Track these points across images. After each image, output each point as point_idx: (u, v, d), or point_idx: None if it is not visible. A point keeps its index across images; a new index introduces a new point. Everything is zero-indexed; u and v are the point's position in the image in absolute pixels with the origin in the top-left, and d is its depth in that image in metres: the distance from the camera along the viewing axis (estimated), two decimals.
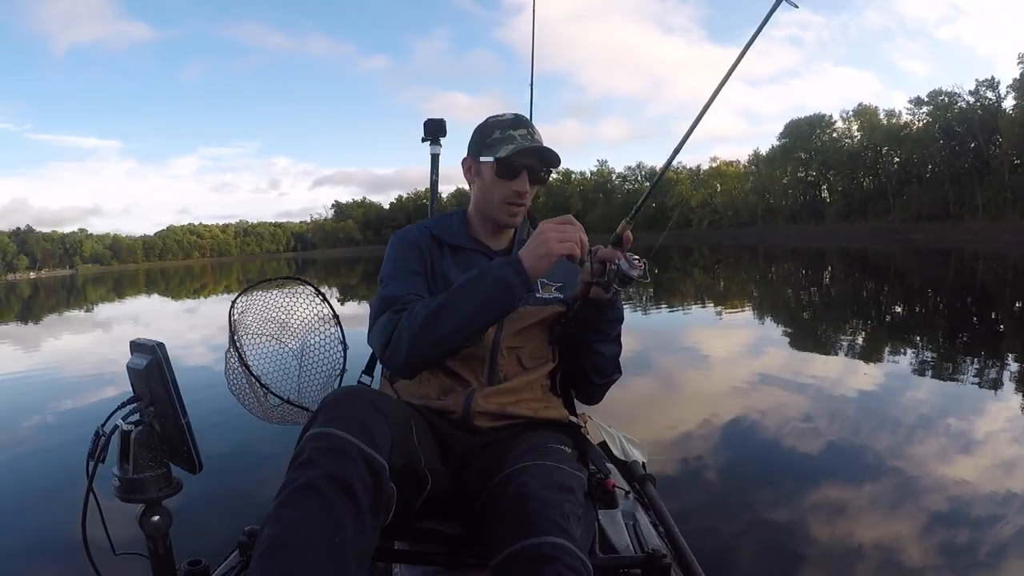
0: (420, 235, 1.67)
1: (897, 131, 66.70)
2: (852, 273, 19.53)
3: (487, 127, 1.60)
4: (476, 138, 1.61)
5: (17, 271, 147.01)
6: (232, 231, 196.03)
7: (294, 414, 2.21)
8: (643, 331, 8.97)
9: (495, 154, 1.54)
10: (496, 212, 1.61)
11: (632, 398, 4.99)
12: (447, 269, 1.61)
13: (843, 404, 4.88)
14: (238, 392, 2.19)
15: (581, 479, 1.37)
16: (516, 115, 1.62)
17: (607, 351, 1.62)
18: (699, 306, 12.20)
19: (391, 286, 1.55)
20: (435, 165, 2.67)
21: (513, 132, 1.56)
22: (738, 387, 5.50)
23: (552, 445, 1.42)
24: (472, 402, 1.49)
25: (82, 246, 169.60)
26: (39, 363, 9.18)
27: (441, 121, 2.63)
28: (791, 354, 7.29)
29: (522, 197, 1.58)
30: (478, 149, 1.59)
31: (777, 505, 3.06)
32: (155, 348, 1.21)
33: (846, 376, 5.82)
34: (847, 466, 3.55)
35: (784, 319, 10.41)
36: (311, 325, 2.45)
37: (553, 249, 1.34)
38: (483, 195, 1.62)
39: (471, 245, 1.66)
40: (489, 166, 1.56)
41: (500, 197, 1.58)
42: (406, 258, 1.62)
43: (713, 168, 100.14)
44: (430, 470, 1.34)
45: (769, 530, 2.81)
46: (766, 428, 4.29)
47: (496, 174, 1.55)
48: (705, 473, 3.48)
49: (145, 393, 1.24)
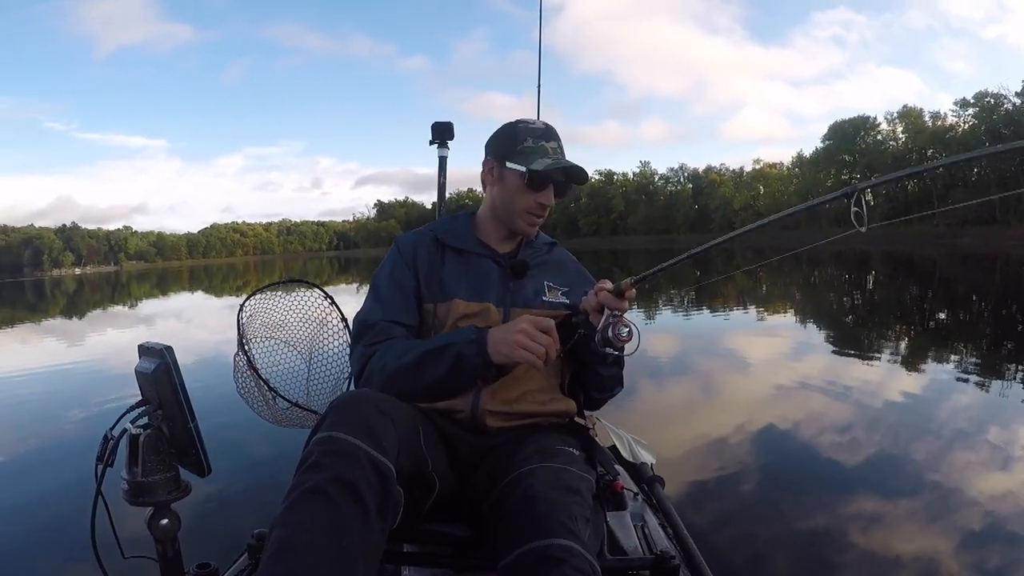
0: (420, 240, 1.66)
1: (942, 133, 65.37)
2: (895, 277, 19.10)
3: (517, 133, 1.58)
4: (503, 142, 1.60)
5: (63, 267, 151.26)
6: (275, 229, 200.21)
7: (303, 417, 2.21)
8: (680, 334, 8.94)
9: (528, 164, 1.53)
10: (516, 220, 1.61)
11: (657, 400, 4.98)
12: (446, 275, 1.60)
13: (872, 410, 4.75)
14: (247, 395, 2.20)
15: (589, 481, 1.37)
16: (547, 125, 1.61)
17: (606, 373, 1.62)
18: (740, 310, 12.00)
19: (372, 308, 1.57)
20: (443, 167, 2.69)
21: (546, 144, 1.56)
22: (759, 391, 5.47)
23: (560, 447, 1.42)
24: (480, 399, 1.48)
25: (127, 243, 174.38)
26: (69, 359, 9.27)
27: (449, 124, 2.65)
28: (823, 359, 7.04)
29: (545, 209, 1.59)
30: (505, 154, 1.58)
31: (789, 509, 3.04)
32: (163, 352, 1.22)
33: (878, 381, 5.68)
34: (870, 474, 3.47)
35: (822, 323, 10.15)
36: (320, 328, 2.45)
37: (513, 354, 1.34)
38: (504, 201, 1.61)
39: (476, 248, 1.65)
40: (517, 174, 1.56)
41: (523, 207, 1.58)
42: (395, 272, 1.61)
43: (756, 170, 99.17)
44: (437, 473, 1.34)
45: (779, 533, 2.79)
46: (787, 432, 4.25)
47: (524, 183, 1.55)
48: (716, 475, 3.46)
49: (153, 396, 1.25)
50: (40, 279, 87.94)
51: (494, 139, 1.63)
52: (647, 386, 5.44)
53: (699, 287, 14.84)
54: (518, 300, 1.60)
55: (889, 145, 73.63)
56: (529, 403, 1.53)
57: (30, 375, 8.05)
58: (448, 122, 2.65)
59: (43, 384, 7.42)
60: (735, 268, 25.17)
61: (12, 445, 4.86)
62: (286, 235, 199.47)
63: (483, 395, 1.49)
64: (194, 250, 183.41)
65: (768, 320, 10.42)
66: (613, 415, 2.84)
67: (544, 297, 1.62)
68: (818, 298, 14.24)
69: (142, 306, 22.46)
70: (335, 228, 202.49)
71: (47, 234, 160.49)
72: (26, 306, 27.01)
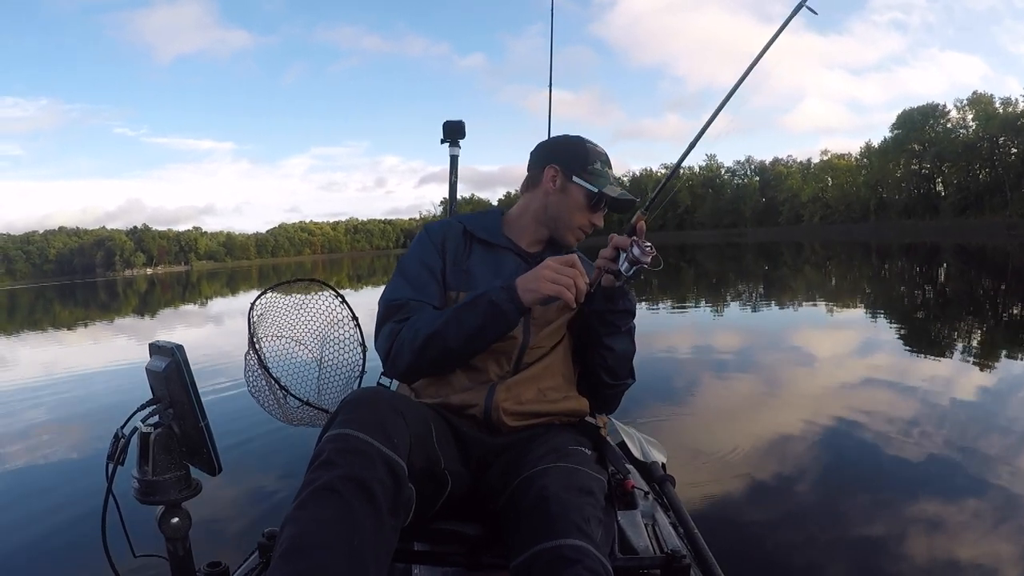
0: (449, 229, 1.67)
1: (1014, 120, 64.00)
2: (968, 271, 18.09)
3: (586, 152, 1.63)
4: (571, 155, 1.64)
5: (134, 267, 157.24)
6: (342, 228, 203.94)
7: (314, 416, 2.21)
8: (692, 329, 8.86)
9: (599, 187, 1.60)
10: (565, 233, 1.66)
11: (669, 398, 4.95)
12: (474, 265, 1.61)
13: (909, 408, 4.57)
14: (258, 394, 2.20)
15: (601, 481, 1.37)
16: (605, 152, 1.68)
17: (618, 347, 1.59)
18: (808, 304, 11.67)
19: (399, 287, 1.58)
20: (454, 166, 2.70)
21: (609, 171, 1.65)
22: (776, 387, 5.43)
23: (572, 447, 1.42)
24: (494, 395, 1.48)
25: (197, 243, 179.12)
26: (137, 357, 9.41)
27: (460, 123, 2.66)
28: (854, 353, 6.82)
29: (593, 228, 1.67)
30: (573, 167, 1.62)
31: (802, 508, 3.00)
32: (174, 351, 1.22)
33: (934, 377, 5.45)
34: (899, 475, 3.36)
35: (887, 318, 9.62)
36: (330, 326, 2.45)
37: (542, 288, 1.35)
38: (560, 211, 1.64)
39: (504, 243, 1.66)
40: (583, 191, 1.61)
41: (579, 223, 1.65)
42: (424, 256, 1.62)
43: (824, 161, 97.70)
44: (450, 471, 1.34)
45: (791, 533, 2.77)
46: (802, 430, 4.20)
47: (588, 203, 1.62)
48: (728, 475, 3.44)
49: (164, 395, 1.25)
50: (112, 279, 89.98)
51: (561, 150, 1.66)
52: (658, 383, 5.42)
53: (715, 284, 14.69)
54: None
55: (959, 133, 71.83)
56: (543, 402, 1.53)
57: (100, 373, 8.23)
58: (459, 120, 2.65)
59: (118, 379, 7.48)
60: (804, 261, 24.96)
61: (79, 439, 4.99)
62: (353, 234, 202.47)
63: (497, 393, 1.48)
64: (263, 249, 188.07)
65: (827, 313, 10.18)
66: (623, 413, 2.83)
67: None
68: (884, 292, 13.63)
69: (212, 304, 22.83)
70: (401, 226, 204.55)
71: (119, 236, 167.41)
72: (99, 305, 27.82)
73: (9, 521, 3.33)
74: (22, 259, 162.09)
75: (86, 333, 14.84)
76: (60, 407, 6.32)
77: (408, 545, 1.45)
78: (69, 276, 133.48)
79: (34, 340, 14.39)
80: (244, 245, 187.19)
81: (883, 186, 79.78)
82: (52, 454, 4.64)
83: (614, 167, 1.70)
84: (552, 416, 1.55)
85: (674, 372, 6.04)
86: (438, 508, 1.34)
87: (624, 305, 1.54)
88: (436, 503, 1.33)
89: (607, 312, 1.53)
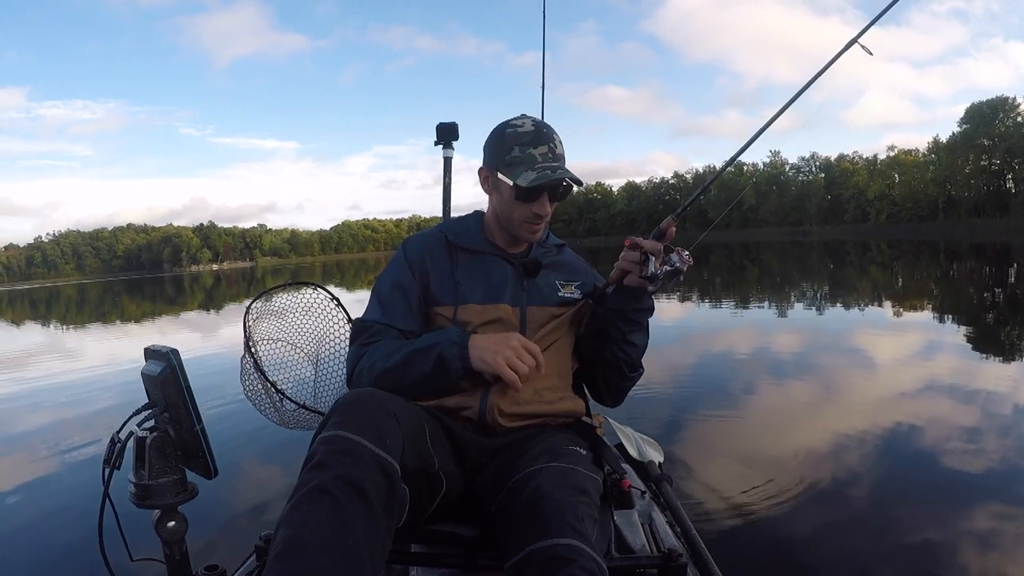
0: (430, 244, 1.66)
1: None
2: None
3: (504, 140, 1.55)
4: (492, 149, 1.58)
5: (201, 263, 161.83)
6: (405, 225, 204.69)
7: (310, 419, 2.22)
8: (692, 328, 8.79)
9: (514, 178, 1.51)
10: (515, 229, 1.61)
11: (666, 396, 4.94)
12: (462, 275, 1.60)
13: (915, 414, 4.45)
14: (254, 398, 2.21)
15: (596, 481, 1.37)
16: (535, 126, 1.56)
17: (639, 340, 1.62)
18: (872, 305, 11.20)
19: (371, 309, 1.60)
20: (448, 168, 2.71)
21: (533, 151, 1.52)
22: (777, 386, 5.44)
23: (567, 447, 1.42)
24: (489, 397, 1.48)
25: (261, 240, 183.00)
26: None
27: (453, 124, 2.66)
28: (858, 351, 6.80)
29: (542, 218, 1.58)
30: (495, 163, 1.56)
31: (801, 507, 3.00)
32: (169, 355, 1.22)
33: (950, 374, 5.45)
34: (900, 476, 3.34)
35: (943, 321, 9.07)
36: (326, 330, 2.46)
37: (496, 365, 1.39)
38: (502, 210, 1.60)
39: (488, 249, 1.65)
40: (507, 186, 1.54)
41: (520, 217, 1.57)
42: (398, 276, 1.61)
43: (891, 157, 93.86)
44: (444, 472, 1.34)
45: (788, 532, 2.77)
46: (801, 429, 4.21)
47: (513, 196, 1.54)
48: (725, 473, 3.44)
49: (160, 399, 1.25)
50: (179, 275, 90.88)
51: (488, 147, 1.60)
52: (656, 382, 5.41)
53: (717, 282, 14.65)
54: (534, 298, 1.60)
55: None
56: (538, 403, 1.53)
57: None
58: (452, 123, 2.65)
59: None
60: (870, 261, 24.43)
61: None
62: (415, 230, 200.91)
63: (492, 394, 1.48)
64: (326, 246, 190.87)
65: (892, 315, 9.91)
66: (619, 412, 2.83)
67: (559, 293, 1.63)
68: (951, 295, 12.83)
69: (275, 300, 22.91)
70: None
71: (185, 232, 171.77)
72: (165, 299, 28.71)
73: (6, 526, 3.32)
74: (91, 255, 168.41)
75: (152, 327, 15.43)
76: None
77: (404, 547, 1.45)
78: (137, 271, 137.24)
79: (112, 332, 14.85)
80: (308, 242, 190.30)
81: (951, 183, 76.62)
82: (73, 451, 4.61)
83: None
84: (548, 417, 1.55)
85: (679, 371, 6.04)
86: (434, 510, 1.35)
87: (648, 303, 1.58)
88: (431, 504, 1.33)
89: (632, 311, 1.56)
